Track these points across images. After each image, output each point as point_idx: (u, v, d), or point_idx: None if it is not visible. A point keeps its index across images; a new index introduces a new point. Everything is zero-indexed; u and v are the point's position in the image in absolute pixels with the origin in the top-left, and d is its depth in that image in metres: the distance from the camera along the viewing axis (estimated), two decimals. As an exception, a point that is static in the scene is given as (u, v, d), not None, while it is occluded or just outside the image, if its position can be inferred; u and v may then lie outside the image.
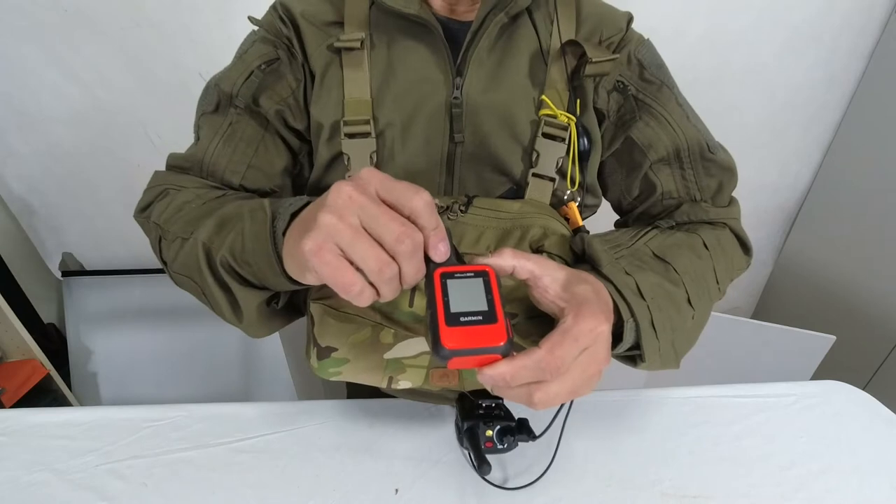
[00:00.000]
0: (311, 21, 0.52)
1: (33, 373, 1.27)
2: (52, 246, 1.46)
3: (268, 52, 0.53)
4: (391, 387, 0.46)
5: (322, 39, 0.52)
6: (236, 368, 1.50)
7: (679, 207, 0.55)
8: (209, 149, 0.53)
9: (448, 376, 0.46)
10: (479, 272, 0.34)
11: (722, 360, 1.26)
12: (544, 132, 0.51)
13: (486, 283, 0.33)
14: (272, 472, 0.54)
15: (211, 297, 0.45)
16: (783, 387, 0.65)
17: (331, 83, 0.52)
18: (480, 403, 0.50)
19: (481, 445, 0.48)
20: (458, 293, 0.32)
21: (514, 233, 0.48)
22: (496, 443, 0.49)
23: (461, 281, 0.33)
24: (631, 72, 0.54)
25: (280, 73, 0.53)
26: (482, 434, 0.49)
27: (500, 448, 0.49)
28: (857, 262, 1.34)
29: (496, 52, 0.52)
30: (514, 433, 0.49)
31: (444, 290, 0.32)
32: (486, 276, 0.34)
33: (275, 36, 0.53)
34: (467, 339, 0.31)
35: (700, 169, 0.55)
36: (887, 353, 1.25)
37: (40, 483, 0.53)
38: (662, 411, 0.62)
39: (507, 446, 0.49)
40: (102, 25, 1.13)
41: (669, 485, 0.53)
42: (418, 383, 0.46)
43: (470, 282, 0.33)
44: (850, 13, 1.18)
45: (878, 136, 1.24)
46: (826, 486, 0.53)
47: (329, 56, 0.52)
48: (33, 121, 1.25)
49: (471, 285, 0.33)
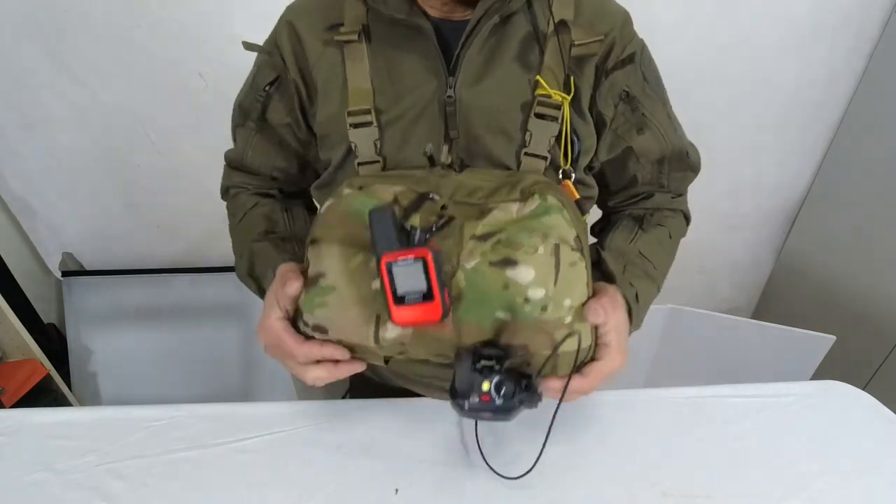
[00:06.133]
0: (311, 30, 0.54)
1: (33, 373, 1.27)
2: (52, 246, 1.46)
3: (269, 73, 0.58)
4: (378, 337, 0.46)
5: (323, 46, 0.54)
6: (236, 368, 1.50)
7: (651, 197, 0.64)
8: (245, 153, 0.64)
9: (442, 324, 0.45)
10: (418, 258, 0.40)
11: (722, 360, 1.26)
12: (536, 112, 0.52)
13: (424, 267, 0.41)
14: (272, 472, 0.54)
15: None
16: (783, 387, 0.65)
17: (334, 84, 0.54)
18: (481, 353, 0.44)
19: (471, 387, 0.43)
20: (402, 276, 0.41)
21: (505, 187, 0.49)
22: (494, 397, 0.42)
23: (403, 267, 0.41)
24: (637, 85, 0.57)
25: (281, 92, 0.58)
26: (477, 385, 0.43)
27: (497, 405, 0.42)
28: (857, 262, 1.34)
29: (487, 49, 0.53)
30: (515, 388, 0.43)
31: (391, 276, 0.41)
32: (423, 261, 0.40)
33: (272, 56, 0.57)
34: (411, 315, 0.42)
35: (675, 168, 0.62)
36: (887, 353, 1.25)
37: (40, 483, 0.53)
38: (662, 411, 0.62)
39: (505, 405, 0.42)
40: (102, 25, 1.13)
41: (669, 485, 0.53)
42: (407, 332, 0.46)
43: (411, 267, 0.41)
44: (850, 13, 1.18)
45: (879, 135, 1.24)
46: (826, 486, 0.54)
47: (331, 60, 0.54)
48: (33, 121, 1.25)
49: (412, 270, 0.41)
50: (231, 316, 1.46)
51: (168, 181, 1.33)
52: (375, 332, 0.46)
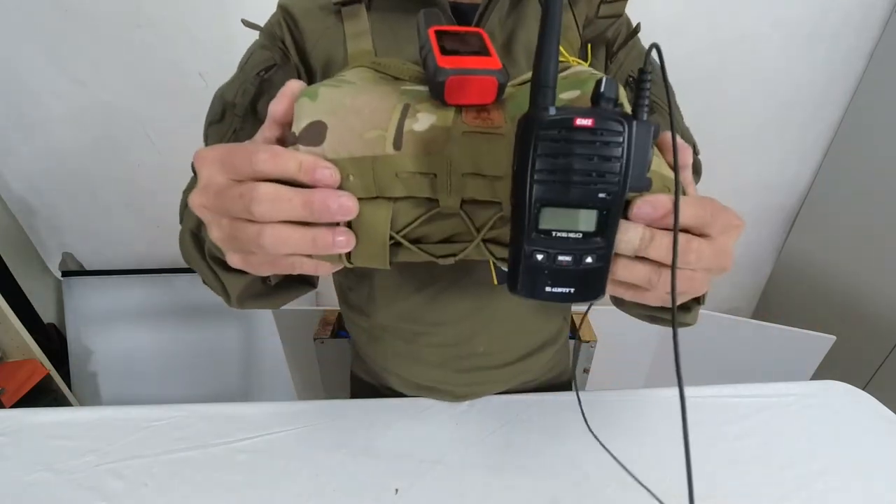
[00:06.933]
0: (308, 14, 0.52)
1: (33, 373, 1.27)
2: (52, 246, 1.46)
3: (266, 58, 0.53)
4: (402, 132, 0.31)
5: (323, 27, 0.51)
6: (236, 368, 1.50)
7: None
8: None
9: (490, 115, 0.32)
10: (472, 32, 0.34)
11: (722, 360, 1.26)
12: None
13: (479, 38, 0.33)
14: (272, 472, 0.54)
15: (209, 282, 0.45)
16: (783, 387, 0.65)
17: (335, 63, 0.51)
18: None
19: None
20: (453, 40, 0.33)
21: None
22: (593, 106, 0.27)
23: (455, 35, 0.34)
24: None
25: (277, 77, 0.53)
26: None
27: (598, 108, 0.27)
28: (857, 262, 1.34)
29: (507, 26, 0.51)
30: (616, 104, 0.27)
31: (440, 40, 0.33)
32: (479, 35, 0.34)
33: (271, 41, 0.54)
34: (463, 63, 0.31)
35: None
36: (887, 353, 1.25)
37: (40, 483, 0.53)
38: (662, 411, 0.62)
39: (611, 112, 0.26)
40: (102, 25, 1.13)
41: (669, 485, 0.53)
42: (446, 121, 0.31)
43: (464, 36, 0.34)
44: (851, 13, 1.18)
45: (879, 135, 1.24)
46: (826, 486, 0.53)
47: (332, 38, 0.51)
48: (33, 121, 1.25)
49: (465, 38, 0.33)
50: (231, 316, 1.46)
51: (168, 181, 1.32)
52: (400, 122, 0.31)
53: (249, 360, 1.50)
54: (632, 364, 1.36)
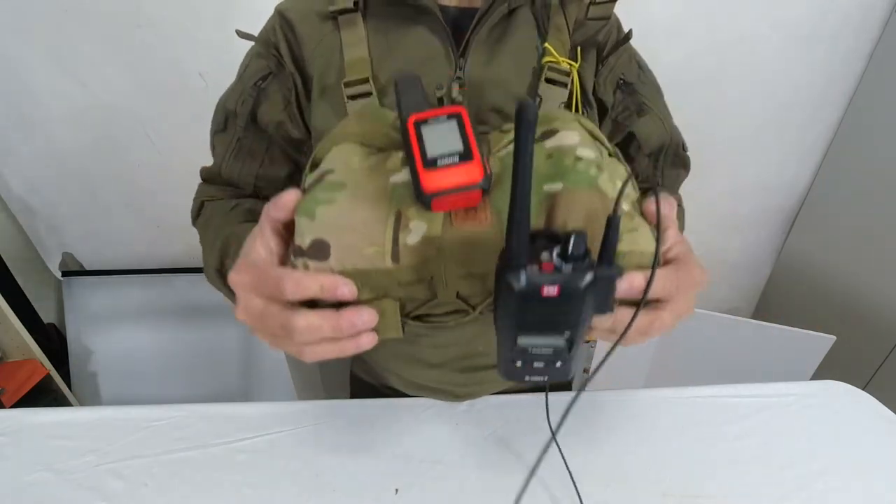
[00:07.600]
0: (305, 19, 0.52)
1: (33, 373, 1.27)
2: (52, 246, 1.46)
3: (261, 67, 0.54)
4: (399, 244, 0.34)
5: (320, 34, 0.52)
6: (236, 368, 1.50)
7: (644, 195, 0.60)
8: (223, 165, 0.58)
9: (477, 214, 0.35)
10: (452, 114, 0.34)
11: (722, 360, 1.26)
12: (547, 77, 0.51)
13: (459, 124, 0.34)
14: (272, 472, 0.54)
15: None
16: (783, 387, 0.65)
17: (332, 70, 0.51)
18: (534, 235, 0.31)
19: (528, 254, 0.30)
20: (433, 137, 0.33)
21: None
22: (559, 264, 0.30)
23: (435, 125, 0.34)
24: (632, 73, 0.57)
25: (274, 87, 0.54)
26: (534, 254, 0.30)
27: (565, 274, 0.29)
28: (857, 262, 1.34)
29: (498, 29, 0.52)
30: (586, 251, 0.30)
31: (419, 137, 0.33)
32: (459, 117, 0.34)
33: (266, 48, 0.54)
34: (446, 179, 0.32)
35: (669, 162, 0.61)
36: (887, 353, 1.25)
37: (40, 483, 0.53)
38: (662, 411, 0.62)
39: (576, 275, 0.29)
40: (102, 25, 1.13)
41: (669, 485, 0.53)
42: (436, 230, 0.35)
43: (443, 125, 0.34)
44: (850, 14, 1.18)
45: (878, 135, 1.24)
46: (826, 486, 0.54)
47: (330, 45, 0.52)
48: (33, 121, 1.25)
49: (445, 128, 0.34)
50: (231, 316, 1.44)
51: (168, 181, 1.33)
52: (394, 236, 0.35)
53: (249, 360, 1.50)
54: (632, 364, 1.36)
